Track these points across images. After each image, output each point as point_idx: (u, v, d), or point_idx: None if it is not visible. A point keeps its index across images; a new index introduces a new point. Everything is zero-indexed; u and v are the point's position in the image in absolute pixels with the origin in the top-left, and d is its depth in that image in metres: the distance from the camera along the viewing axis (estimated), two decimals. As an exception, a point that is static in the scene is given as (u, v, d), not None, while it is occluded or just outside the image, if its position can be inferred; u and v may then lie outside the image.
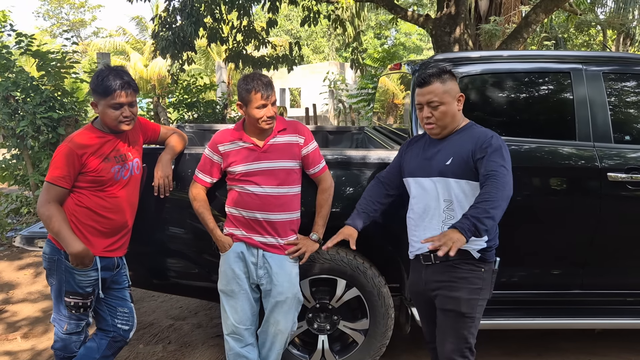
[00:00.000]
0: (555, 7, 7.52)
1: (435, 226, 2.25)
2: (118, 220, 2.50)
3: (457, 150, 2.24)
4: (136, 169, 2.58)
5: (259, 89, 2.45)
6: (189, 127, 4.42)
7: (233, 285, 2.58)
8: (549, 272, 2.98)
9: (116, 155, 2.47)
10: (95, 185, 2.42)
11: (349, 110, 15.31)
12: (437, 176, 2.26)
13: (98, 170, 2.40)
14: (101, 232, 2.47)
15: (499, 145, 2.17)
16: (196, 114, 8.57)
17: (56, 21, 37.10)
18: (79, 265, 2.40)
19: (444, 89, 2.26)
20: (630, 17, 12.31)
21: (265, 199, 2.51)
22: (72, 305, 2.48)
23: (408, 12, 8.23)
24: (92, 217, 2.44)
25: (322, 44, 32.84)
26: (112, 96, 2.38)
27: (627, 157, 2.85)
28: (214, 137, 2.63)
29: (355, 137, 4.53)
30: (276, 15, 8.89)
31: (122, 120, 2.42)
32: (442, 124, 2.28)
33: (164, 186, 2.63)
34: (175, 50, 8.31)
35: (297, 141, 2.60)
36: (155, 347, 3.48)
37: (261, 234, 2.56)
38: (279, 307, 2.59)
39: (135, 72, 22.28)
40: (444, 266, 2.24)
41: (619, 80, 3.00)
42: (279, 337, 2.63)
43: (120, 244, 2.57)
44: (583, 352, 3.38)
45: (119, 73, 2.42)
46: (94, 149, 2.41)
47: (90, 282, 2.47)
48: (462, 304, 2.21)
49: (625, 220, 2.89)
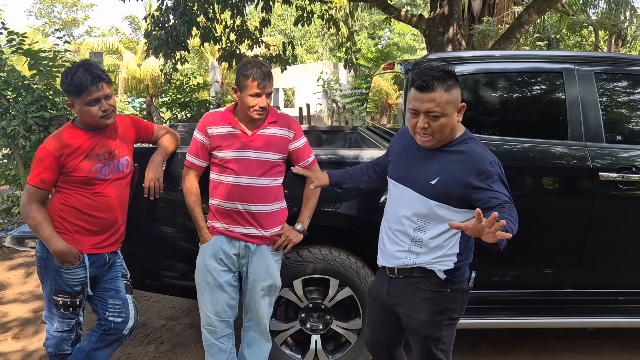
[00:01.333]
0: (547, 8, 7.55)
1: (403, 244, 2.09)
2: (107, 218, 2.48)
3: (448, 172, 1.97)
4: (125, 167, 2.53)
5: (257, 77, 2.43)
6: (182, 126, 4.41)
7: (208, 278, 2.59)
8: (541, 271, 2.99)
9: (99, 153, 2.43)
10: (79, 185, 2.39)
11: (342, 110, 15.32)
12: (418, 192, 2.02)
13: (79, 170, 2.37)
14: (89, 230, 2.45)
15: (498, 174, 1.93)
16: (189, 113, 8.54)
17: (48, 20, 36.88)
18: (64, 264, 2.38)
19: (448, 98, 1.91)
20: (622, 18, 12.38)
21: (246, 189, 2.50)
22: (61, 304, 2.46)
23: (401, 12, 8.24)
24: (79, 216, 2.42)
25: (316, 44, 32.83)
26: (86, 93, 2.32)
27: (619, 156, 2.86)
28: (203, 119, 2.60)
29: (348, 136, 4.52)
30: (270, 14, 8.88)
31: (102, 115, 2.38)
32: (440, 137, 1.97)
33: (154, 188, 2.61)
34: (168, 50, 8.29)
35: (286, 135, 2.59)
36: (147, 347, 3.46)
37: (242, 225, 2.55)
38: (256, 294, 2.61)
39: (128, 72, 22.19)
40: (407, 283, 2.11)
41: (611, 81, 3.02)
42: (262, 321, 2.66)
43: (111, 241, 2.54)
44: (575, 350, 3.39)
45: (88, 68, 2.34)
46: (72, 148, 2.37)
47: (79, 281, 2.45)
48: (424, 326, 2.08)
49: (617, 219, 2.91)
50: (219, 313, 2.63)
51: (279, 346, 2.92)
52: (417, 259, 2.06)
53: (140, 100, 11.26)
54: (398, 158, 2.20)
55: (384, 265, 2.20)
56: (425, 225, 2.03)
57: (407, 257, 2.09)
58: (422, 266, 2.07)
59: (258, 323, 2.68)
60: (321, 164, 2.76)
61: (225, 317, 2.64)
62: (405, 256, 2.09)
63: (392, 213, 2.15)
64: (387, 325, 2.28)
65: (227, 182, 2.52)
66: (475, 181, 1.91)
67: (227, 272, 2.60)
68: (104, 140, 2.47)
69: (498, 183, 1.91)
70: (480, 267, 2.94)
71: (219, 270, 2.58)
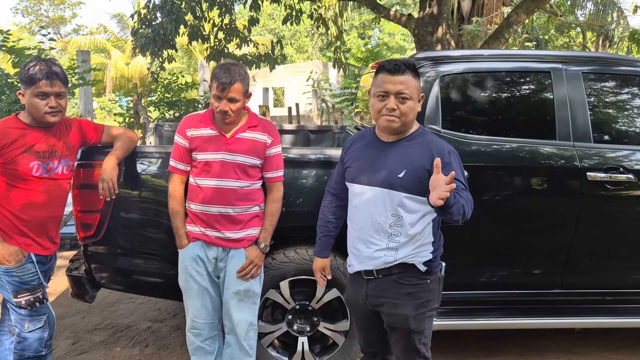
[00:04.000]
0: (536, 8, 7.60)
1: (381, 242, 2.09)
2: (36, 218, 2.42)
3: (411, 162, 2.04)
4: (65, 169, 2.49)
5: (220, 79, 2.37)
6: (168, 125, 4.35)
7: (190, 283, 2.56)
8: (529, 271, 2.98)
9: (39, 150, 2.39)
10: (11, 178, 2.36)
11: (332, 110, 15.29)
12: (387, 188, 2.05)
13: (15, 163, 2.33)
14: (22, 227, 2.41)
15: (457, 161, 2.04)
16: (177, 112, 8.47)
17: (35, 18, 36.49)
18: (7, 264, 2.35)
19: (415, 84, 2.04)
20: (609, 19, 12.50)
21: (223, 192, 2.46)
22: (24, 303, 2.41)
23: (391, 12, 8.23)
24: (12, 210, 2.38)
25: (306, 44, 32.80)
26: (37, 85, 2.32)
27: (606, 156, 2.86)
28: (182, 122, 2.57)
29: (336, 136, 4.50)
30: (258, 13, 8.82)
31: (48, 111, 2.35)
32: (404, 121, 2.04)
33: (108, 189, 2.52)
34: (155, 48, 8.20)
35: (264, 140, 2.55)
36: (132, 350, 3.41)
37: (218, 230, 2.51)
38: (231, 299, 2.56)
39: (116, 70, 22.02)
40: (387, 281, 2.12)
41: (599, 80, 3.01)
42: (238, 330, 2.58)
43: (44, 239, 2.48)
44: (564, 350, 3.39)
45: (48, 63, 2.37)
46: (10, 140, 2.33)
47: (32, 275, 2.42)
48: (409, 321, 2.09)
49: (605, 219, 2.90)
50: (204, 315, 2.59)
51: (266, 348, 2.88)
52: (397, 254, 2.08)
53: (128, 99, 11.14)
54: (358, 160, 2.18)
55: (359, 270, 2.19)
56: (400, 219, 2.06)
57: (387, 254, 2.08)
58: (402, 262, 2.08)
59: (237, 335, 2.59)
60: (309, 163, 2.73)
61: (210, 319, 2.61)
62: (385, 254, 2.09)
63: (362, 216, 2.13)
64: (376, 326, 2.26)
65: (204, 185, 2.48)
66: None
67: (208, 275, 2.57)
68: (47, 139, 2.42)
69: (457, 172, 1.98)
70: (469, 268, 2.94)
71: (200, 274, 2.55)
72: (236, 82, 2.38)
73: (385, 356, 2.35)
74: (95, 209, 2.65)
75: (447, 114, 2.87)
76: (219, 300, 2.62)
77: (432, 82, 2.86)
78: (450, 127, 2.85)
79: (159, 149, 2.81)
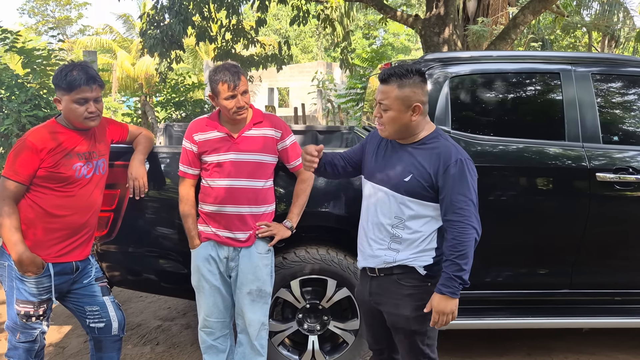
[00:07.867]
0: (543, 9, 7.58)
1: (383, 242, 2.12)
2: (75, 220, 2.40)
3: (418, 168, 2.04)
4: (101, 169, 2.50)
5: (226, 80, 2.43)
6: (177, 126, 4.38)
7: (202, 282, 2.60)
8: (538, 271, 3.00)
9: (79, 152, 2.39)
10: (53, 182, 2.33)
11: (337, 110, 15.30)
12: (393, 190, 2.08)
13: (58, 167, 2.32)
14: (55, 235, 2.36)
15: (464, 171, 1.99)
16: (184, 113, 8.50)
17: (41, 18, 36.66)
18: (26, 273, 2.30)
19: (397, 94, 2.00)
20: (615, 20, 12.47)
21: (235, 192, 2.50)
22: (22, 314, 2.36)
23: (397, 13, 8.24)
24: (45, 218, 2.33)
25: (311, 44, 32.83)
26: (76, 91, 2.30)
27: (615, 157, 2.87)
28: (189, 127, 2.61)
29: (345, 136, 4.52)
30: (265, 14, 8.85)
31: (88, 116, 2.35)
32: (391, 130, 2.06)
33: (138, 187, 2.59)
34: (163, 49, 8.25)
35: (273, 135, 2.59)
36: (143, 348, 3.44)
37: (230, 230, 2.54)
38: (244, 299, 2.58)
39: (122, 71, 22.11)
40: (389, 281, 2.14)
41: (607, 81, 3.02)
42: (250, 330, 2.60)
43: (79, 247, 2.44)
44: (571, 350, 3.40)
45: (84, 68, 2.34)
46: (54, 144, 2.32)
47: (44, 289, 2.37)
48: (410, 322, 2.11)
49: (613, 220, 2.92)
50: (215, 314, 2.62)
51: (276, 347, 2.91)
52: (397, 255, 2.10)
53: (135, 100, 11.18)
54: (372, 159, 2.22)
55: (365, 267, 2.22)
56: (403, 222, 2.08)
57: (387, 254, 2.11)
58: (402, 263, 2.10)
59: (249, 335, 2.61)
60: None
61: (221, 318, 2.64)
62: (385, 254, 2.11)
63: (370, 213, 2.18)
64: (381, 323, 2.28)
65: (216, 185, 2.52)
66: (440, 177, 2.00)
67: (220, 274, 2.60)
68: (86, 140, 2.43)
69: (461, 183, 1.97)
70: (476, 267, 2.95)
71: (212, 273, 2.59)
72: (241, 76, 2.49)
73: (392, 355, 2.37)
74: (108, 209, 2.69)
75: (457, 114, 2.89)
76: (231, 300, 2.66)
77: (441, 83, 2.88)
78: (459, 127, 2.87)
79: (172, 149, 2.85)
